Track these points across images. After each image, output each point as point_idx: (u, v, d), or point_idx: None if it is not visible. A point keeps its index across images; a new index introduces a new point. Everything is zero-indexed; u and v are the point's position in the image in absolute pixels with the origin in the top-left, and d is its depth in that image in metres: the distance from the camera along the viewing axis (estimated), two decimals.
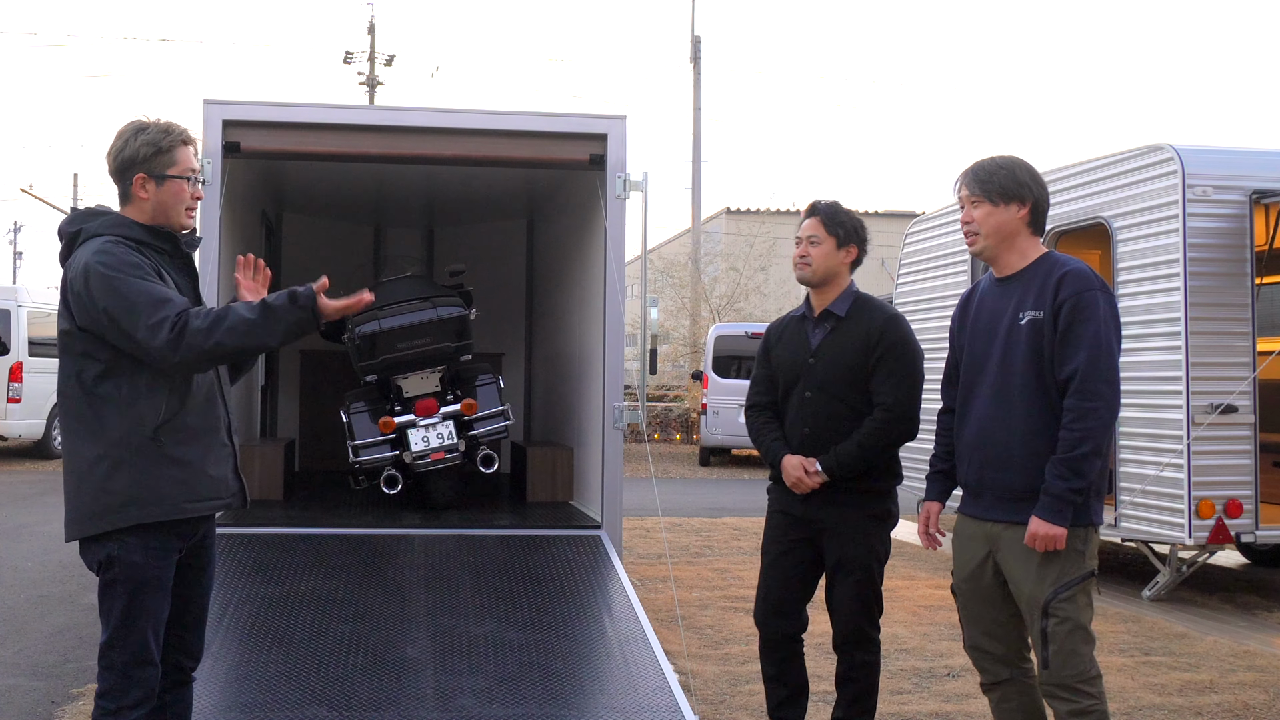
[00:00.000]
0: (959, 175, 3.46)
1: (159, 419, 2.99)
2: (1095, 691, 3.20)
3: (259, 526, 5.81)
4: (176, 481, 3.01)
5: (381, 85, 31.84)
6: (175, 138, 3.12)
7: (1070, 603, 3.20)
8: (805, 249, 3.95)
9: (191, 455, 3.04)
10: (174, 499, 3.01)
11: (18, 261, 52.67)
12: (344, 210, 9.24)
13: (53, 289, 20.68)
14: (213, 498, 3.11)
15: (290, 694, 4.17)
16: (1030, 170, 3.39)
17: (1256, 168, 7.18)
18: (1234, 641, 6.23)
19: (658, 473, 16.44)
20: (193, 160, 3.16)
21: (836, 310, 3.94)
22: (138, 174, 3.08)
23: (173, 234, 3.14)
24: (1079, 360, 3.17)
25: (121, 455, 2.96)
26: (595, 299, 6.47)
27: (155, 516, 2.98)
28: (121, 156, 3.09)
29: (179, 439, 3.02)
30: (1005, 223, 3.34)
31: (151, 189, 3.10)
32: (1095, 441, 3.16)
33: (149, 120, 3.15)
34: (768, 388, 4.08)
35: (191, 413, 3.06)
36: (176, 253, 3.16)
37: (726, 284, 24.94)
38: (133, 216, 3.12)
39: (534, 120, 6.08)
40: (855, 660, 3.93)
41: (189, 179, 3.15)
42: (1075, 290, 3.21)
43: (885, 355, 3.84)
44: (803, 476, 3.83)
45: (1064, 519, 3.17)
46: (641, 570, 8.06)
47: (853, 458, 3.79)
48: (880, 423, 3.81)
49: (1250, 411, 6.93)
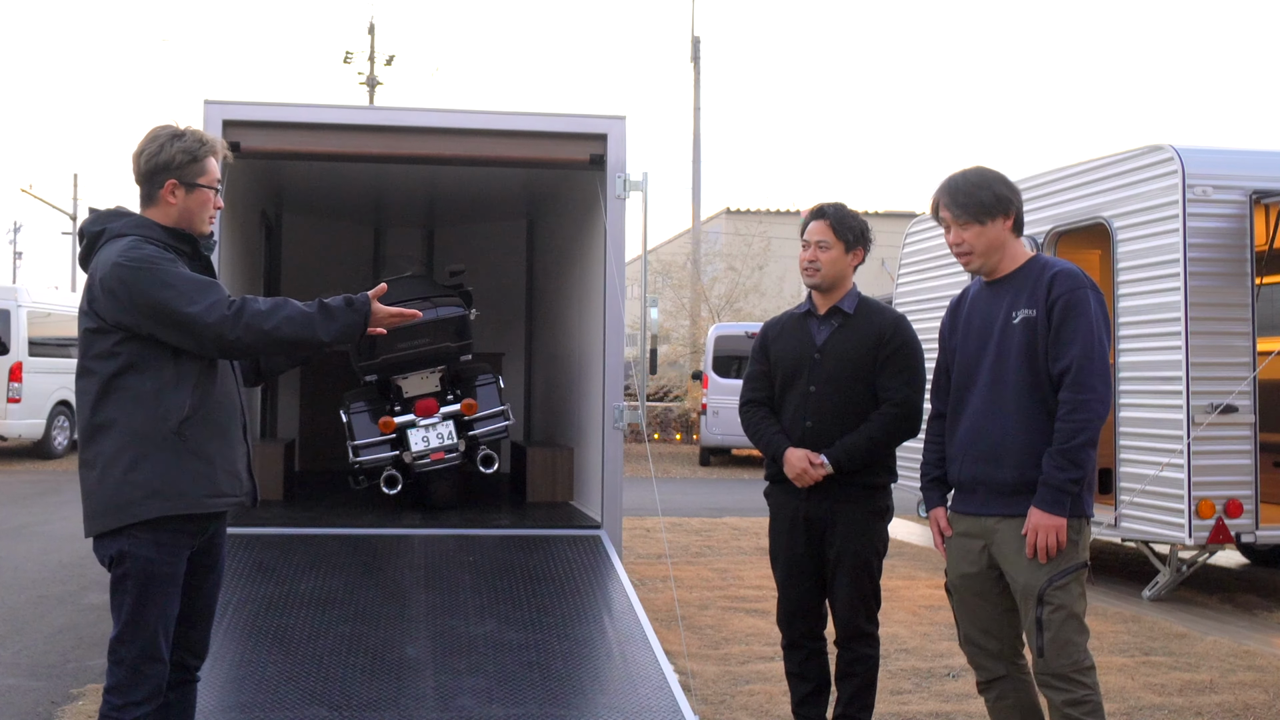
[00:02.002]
0: (936, 192, 3.50)
1: (184, 414, 3.02)
2: (1090, 681, 3.23)
3: (259, 526, 5.81)
4: (199, 475, 3.04)
5: (381, 85, 31.82)
6: (208, 148, 3.18)
7: (1065, 591, 3.25)
8: (814, 254, 3.96)
9: (213, 450, 3.08)
10: (195, 493, 3.04)
11: (18, 261, 52.73)
12: (344, 210, 9.23)
13: (53, 289, 20.69)
14: (230, 494, 3.15)
15: (290, 694, 4.17)
16: (1003, 179, 3.45)
17: (1256, 168, 7.18)
18: (1234, 641, 6.23)
19: (658, 473, 16.44)
20: (218, 171, 3.22)
21: (845, 307, 3.98)
22: (169, 179, 3.13)
23: (192, 237, 3.18)
24: (1073, 355, 3.23)
25: (145, 449, 2.99)
26: (595, 299, 6.47)
27: (178, 509, 3.01)
28: (156, 160, 3.13)
29: (202, 434, 3.05)
30: (995, 237, 3.41)
31: (181, 195, 3.15)
32: (1091, 432, 3.22)
33: (183, 127, 3.20)
34: (764, 384, 4.08)
35: (214, 409, 3.10)
36: (196, 255, 3.20)
37: (726, 284, 24.93)
38: (162, 219, 3.16)
39: (534, 120, 6.08)
40: (856, 655, 3.95)
41: (216, 190, 3.21)
42: (1067, 288, 3.28)
43: (896, 353, 3.89)
44: (807, 468, 3.84)
45: (1063, 509, 3.22)
46: (641, 570, 8.06)
47: (861, 450, 3.83)
48: (890, 418, 3.84)
49: (1250, 411, 6.93)
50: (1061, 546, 3.23)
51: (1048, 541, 3.22)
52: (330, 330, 3.06)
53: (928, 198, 3.61)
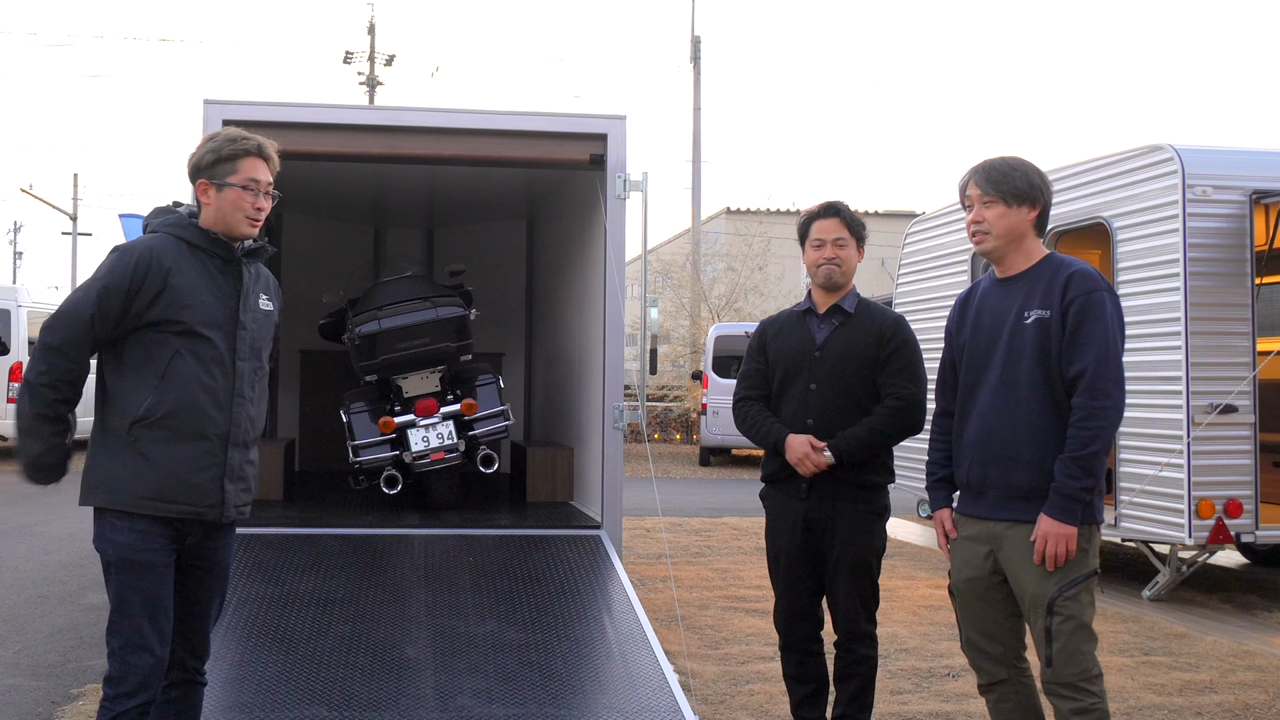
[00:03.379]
0: (968, 172, 3.43)
1: (136, 415, 3.07)
2: (1097, 690, 3.20)
3: (259, 526, 5.80)
4: (138, 476, 3.06)
5: (381, 85, 31.86)
6: (239, 146, 3.20)
7: (1074, 601, 3.20)
8: (833, 251, 3.95)
9: (163, 456, 3.07)
10: (133, 492, 3.06)
11: (18, 261, 52.74)
12: (344, 210, 9.23)
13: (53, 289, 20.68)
14: (181, 502, 3.10)
15: (290, 694, 4.17)
16: (1040, 173, 3.39)
17: (1256, 168, 7.18)
18: (1234, 641, 6.23)
19: (658, 473, 16.44)
20: (259, 171, 3.22)
21: (846, 306, 3.98)
22: (200, 179, 3.20)
23: (226, 244, 3.21)
24: (1088, 360, 3.17)
25: (103, 441, 3.12)
26: (595, 299, 6.47)
27: (114, 505, 3.07)
28: (191, 163, 3.22)
29: (154, 438, 3.07)
30: (1016, 224, 3.34)
31: (212, 195, 3.20)
32: (1105, 440, 3.16)
33: (231, 130, 3.26)
34: (761, 381, 4.07)
35: (175, 415, 3.08)
36: (230, 259, 3.22)
37: (726, 284, 24.93)
38: (202, 221, 3.23)
39: (534, 120, 6.07)
40: (856, 655, 3.94)
41: (249, 188, 3.19)
42: (1083, 290, 3.22)
43: (897, 351, 3.90)
44: (809, 453, 3.82)
45: (1074, 518, 3.17)
46: (641, 570, 8.06)
47: (862, 442, 3.82)
48: (894, 411, 3.84)
49: (1250, 411, 6.93)
50: (1071, 555, 3.18)
51: (1057, 550, 3.17)
52: (20, 453, 3.10)
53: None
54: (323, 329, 7.57)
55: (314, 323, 7.80)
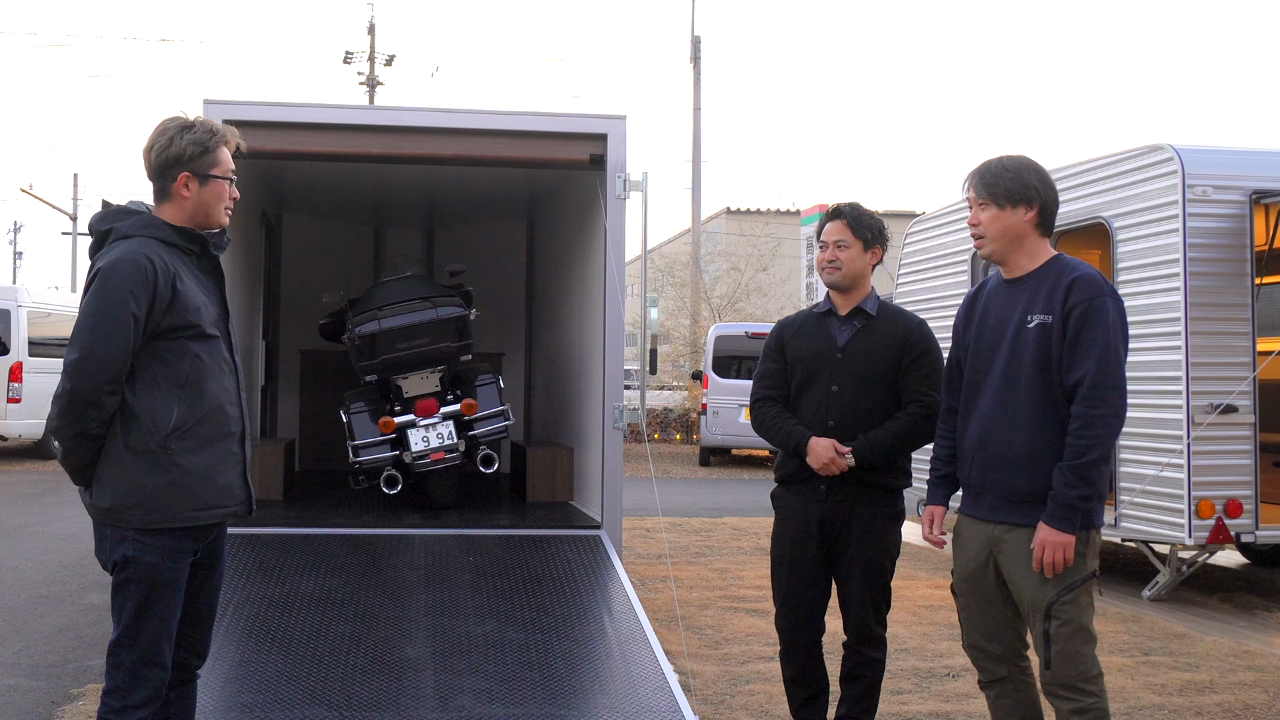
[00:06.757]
0: (968, 175, 3.44)
1: (170, 427, 2.98)
2: (1097, 690, 3.20)
3: (259, 526, 5.80)
4: (183, 490, 3.00)
5: (381, 85, 31.84)
6: (219, 138, 3.11)
7: (1073, 604, 3.20)
8: (833, 253, 3.95)
9: (199, 464, 3.03)
10: (178, 508, 3.00)
11: (18, 261, 52.70)
12: (344, 210, 9.23)
13: (53, 289, 20.69)
14: (218, 506, 3.10)
15: (290, 694, 4.17)
16: (1038, 171, 3.36)
17: (1256, 168, 7.18)
18: (1234, 641, 6.23)
19: (658, 473, 16.44)
20: (231, 161, 3.16)
21: (868, 308, 3.97)
22: (182, 173, 3.07)
23: (202, 237, 3.13)
24: (1088, 367, 3.15)
25: (131, 461, 2.96)
26: (595, 299, 6.47)
27: (159, 523, 2.98)
28: (166, 154, 3.06)
29: (189, 446, 3.01)
30: (1011, 226, 3.32)
31: (195, 188, 3.09)
32: (1103, 449, 3.14)
33: (192, 118, 3.14)
34: (779, 381, 4.05)
35: (205, 421, 3.04)
36: (205, 255, 3.16)
37: (727, 284, 24.93)
38: (168, 215, 3.10)
39: (534, 120, 6.07)
40: (864, 657, 3.94)
41: (230, 180, 3.15)
42: (1086, 296, 3.19)
43: (921, 357, 3.89)
44: (834, 457, 3.81)
45: (1072, 526, 3.16)
46: (641, 570, 8.06)
47: (885, 446, 3.82)
48: (917, 418, 3.84)
49: (1250, 411, 6.93)
50: (1068, 563, 3.17)
51: (1055, 559, 3.16)
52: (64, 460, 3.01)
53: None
54: (323, 329, 7.57)
55: (314, 323, 7.80)
